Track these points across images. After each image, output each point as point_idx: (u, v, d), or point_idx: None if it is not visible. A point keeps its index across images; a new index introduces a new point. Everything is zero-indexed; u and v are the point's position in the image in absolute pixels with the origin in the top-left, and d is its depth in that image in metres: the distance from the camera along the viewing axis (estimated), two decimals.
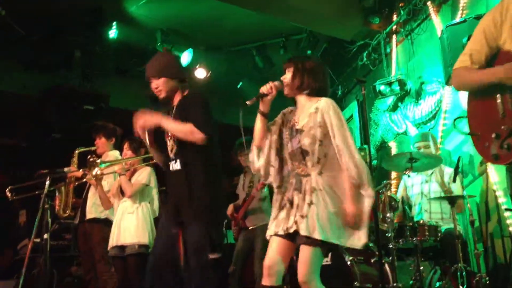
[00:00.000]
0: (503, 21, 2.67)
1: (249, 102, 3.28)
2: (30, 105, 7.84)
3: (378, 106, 7.23)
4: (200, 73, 8.03)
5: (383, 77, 6.87)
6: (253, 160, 3.41)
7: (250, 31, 7.72)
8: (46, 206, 4.51)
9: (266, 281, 3.17)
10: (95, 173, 4.91)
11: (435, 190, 5.12)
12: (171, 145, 3.61)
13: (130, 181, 5.05)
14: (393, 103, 6.92)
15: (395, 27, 6.95)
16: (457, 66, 2.85)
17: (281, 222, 3.18)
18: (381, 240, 4.18)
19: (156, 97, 3.68)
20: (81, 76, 7.80)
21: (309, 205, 3.07)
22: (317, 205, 3.05)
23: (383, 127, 7.11)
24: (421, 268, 4.43)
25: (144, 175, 5.06)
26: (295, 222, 3.09)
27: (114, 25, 7.32)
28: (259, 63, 8.00)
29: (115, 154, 5.42)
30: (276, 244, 3.21)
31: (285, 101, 3.49)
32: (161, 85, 3.60)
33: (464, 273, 4.24)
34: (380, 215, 4.58)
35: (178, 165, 3.55)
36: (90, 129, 5.76)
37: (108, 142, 5.52)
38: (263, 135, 3.36)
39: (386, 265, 4.42)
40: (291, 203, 3.20)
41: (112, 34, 7.35)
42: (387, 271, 4.41)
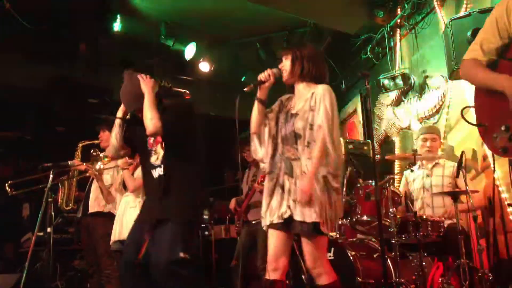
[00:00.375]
0: None
1: (247, 88, 3.31)
2: (34, 98, 7.85)
3: (381, 100, 7.21)
4: (204, 66, 8.01)
5: (386, 71, 6.85)
6: (256, 149, 3.42)
7: (254, 25, 7.69)
8: (49, 199, 4.53)
9: (271, 276, 3.22)
10: (98, 167, 4.92)
11: (436, 184, 5.11)
12: (157, 152, 3.62)
13: (133, 175, 5.06)
14: (397, 97, 6.89)
15: (399, 21, 6.92)
16: (467, 56, 2.82)
17: (275, 210, 3.20)
18: (384, 235, 4.18)
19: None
20: (85, 69, 7.79)
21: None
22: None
23: (387, 122, 7.09)
24: (424, 263, 4.42)
25: None
26: (288, 206, 3.13)
27: (118, 18, 7.31)
28: (263, 57, 7.98)
29: None
30: (275, 238, 3.25)
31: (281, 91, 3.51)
32: (140, 112, 3.58)
33: (467, 269, 4.24)
34: (383, 210, 4.58)
35: (161, 171, 3.54)
36: (94, 122, 5.77)
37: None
38: (261, 122, 3.38)
39: (388, 261, 4.42)
40: (282, 187, 3.21)
41: (116, 26, 7.34)
42: (390, 267, 4.41)
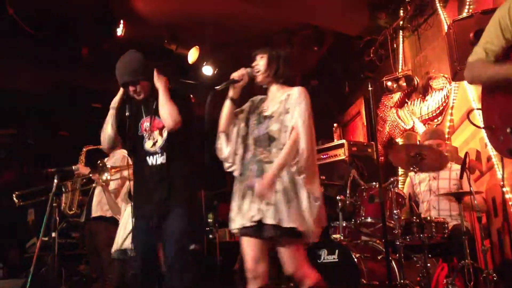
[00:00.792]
0: None
1: (219, 87, 3.26)
2: (37, 102, 7.88)
3: (385, 102, 7.21)
4: (207, 70, 8.03)
5: (389, 73, 6.84)
6: (220, 147, 3.36)
7: (256, 28, 7.70)
8: (54, 204, 4.54)
9: (252, 284, 3.14)
10: (105, 178, 4.93)
11: (443, 186, 5.10)
12: (154, 138, 3.61)
13: None
14: (400, 99, 6.89)
15: (401, 22, 6.92)
16: (471, 59, 2.81)
17: (246, 213, 3.13)
18: (388, 237, 4.18)
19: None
20: (88, 73, 7.81)
21: (276, 192, 3.06)
22: (281, 193, 3.06)
23: (390, 124, 7.09)
24: (428, 264, 4.41)
25: None
26: (259, 209, 3.06)
27: (121, 22, 7.33)
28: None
29: (123, 153, 5.42)
30: (248, 245, 3.19)
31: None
32: (139, 88, 3.61)
33: (471, 270, 4.23)
34: (387, 212, 4.58)
35: (163, 159, 3.54)
36: (97, 126, 5.77)
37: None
38: (230, 121, 3.34)
39: (393, 262, 4.41)
40: (253, 190, 3.14)
41: (119, 31, 7.36)
42: (394, 268, 4.41)
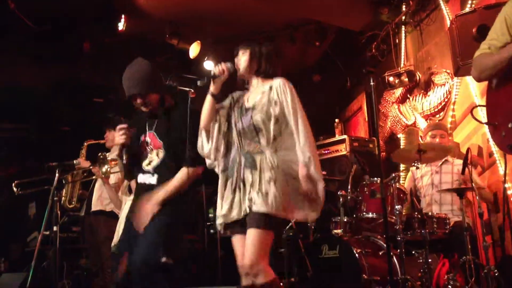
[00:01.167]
0: None
1: (200, 83, 3.24)
2: (39, 98, 7.88)
3: (386, 97, 7.19)
4: (208, 65, 8.01)
5: (392, 68, 6.83)
6: (201, 145, 3.32)
7: (258, 23, 7.69)
8: (55, 198, 4.53)
9: (245, 281, 3.10)
10: (105, 170, 4.92)
11: (445, 181, 5.10)
12: (151, 157, 3.53)
13: None
14: (402, 94, 6.88)
15: (404, 17, 6.90)
16: (477, 54, 2.83)
17: (236, 206, 3.12)
18: (389, 232, 4.18)
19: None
20: (90, 68, 7.81)
21: (269, 182, 3.04)
22: (277, 182, 3.04)
23: (392, 119, 7.07)
24: (430, 260, 4.42)
25: None
26: (250, 199, 3.05)
27: (122, 17, 7.32)
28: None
29: None
30: (240, 244, 3.18)
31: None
32: (148, 101, 3.50)
33: (472, 265, 4.23)
34: (388, 207, 4.58)
35: (153, 180, 3.47)
36: (99, 121, 5.78)
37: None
38: (212, 117, 3.30)
39: (394, 258, 4.42)
40: (243, 182, 3.13)
41: (121, 25, 7.35)
42: (395, 264, 4.41)
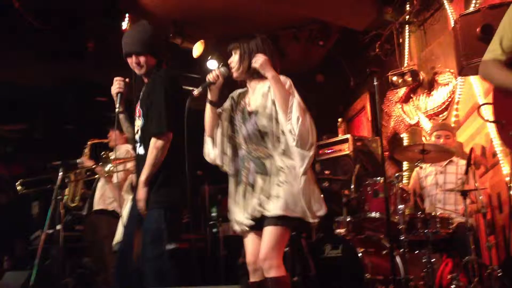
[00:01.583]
0: None
1: (196, 92, 3.19)
2: (43, 96, 7.90)
3: (390, 97, 7.18)
4: (212, 64, 8.02)
5: (395, 67, 6.82)
6: (207, 151, 3.31)
7: (262, 22, 7.69)
8: (58, 197, 4.54)
9: (253, 278, 3.14)
10: (108, 169, 4.93)
11: (450, 181, 5.09)
12: (138, 126, 3.50)
13: None
14: (405, 94, 6.87)
15: (408, 17, 6.89)
16: (486, 57, 2.83)
17: (249, 211, 3.11)
18: (392, 232, 4.18)
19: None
20: (94, 67, 7.82)
21: (278, 185, 3.02)
22: (286, 184, 3.01)
23: (395, 119, 7.07)
24: (433, 260, 4.42)
25: None
26: (260, 204, 3.04)
27: (126, 16, 7.33)
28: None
29: (127, 147, 5.43)
30: (250, 241, 3.18)
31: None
32: (142, 61, 3.47)
33: (476, 265, 4.23)
34: (391, 207, 4.57)
35: (141, 150, 3.45)
36: (102, 120, 5.78)
37: (121, 135, 5.51)
38: (215, 124, 3.28)
39: (397, 257, 4.42)
40: (252, 186, 3.11)
41: (124, 24, 7.35)
42: (398, 263, 4.41)
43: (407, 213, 4.76)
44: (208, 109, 3.26)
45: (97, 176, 5.44)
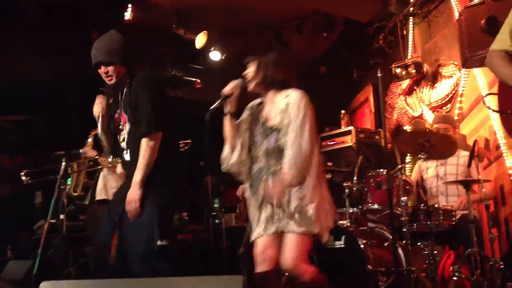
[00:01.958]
0: None
1: (214, 107, 3.25)
2: (48, 89, 7.90)
3: (393, 89, 7.17)
4: (215, 55, 8.01)
5: (399, 59, 6.80)
6: (226, 157, 3.35)
7: (265, 13, 7.67)
8: (62, 187, 4.55)
9: (260, 268, 3.18)
10: (111, 160, 4.92)
11: (451, 172, 5.09)
12: (123, 133, 3.49)
13: None
14: (409, 86, 6.85)
15: (412, 9, 6.86)
16: (495, 47, 2.82)
17: (265, 223, 3.17)
18: (395, 223, 4.18)
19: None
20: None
21: (299, 200, 3.07)
22: (305, 199, 3.07)
23: (399, 111, 7.05)
24: (435, 252, 4.42)
25: None
26: (277, 219, 3.11)
27: (129, 6, 7.31)
28: (274, 45, 7.94)
29: None
30: (260, 241, 3.22)
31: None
32: (111, 71, 3.45)
33: (478, 258, 4.24)
34: (394, 199, 4.57)
35: (128, 156, 3.44)
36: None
37: None
38: (234, 135, 3.33)
39: (399, 249, 4.42)
40: (271, 202, 3.15)
41: (127, 15, 7.34)
42: (401, 255, 4.42)
43: (410, 205, 4.77)
44: (227, 121, 3.33)
45: (100, 166, 5.44)
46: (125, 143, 3.48)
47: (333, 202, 3.29)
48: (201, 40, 7.71)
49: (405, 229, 4.37)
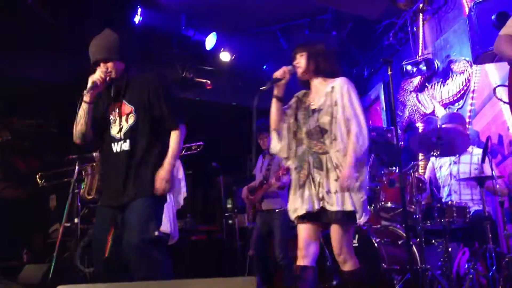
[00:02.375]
0: None
1: (264, 88, 3.39)
2: (58, 91, 7.94)
3: (405, 86, 7.14)
4: (224, 56, 8.02)
5: (409, 56, 6.78)
6: (274, 144, 3.53)
7: (274, 13, 7.66)
8: (76, 190, 4.59)
9: (301, 262, 3.39)
10: None
11: (464, 171, 5.05)
12: (119, 124, 3.51)
13: None
14: (420, 83, 6.83)
15: (422, 5, 6.82)
16: (503, 32, 2.89)
17: (307, 200, 3.32)
18: (408, 221, 4.16)
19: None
20: None
21: (336, 181, 3.25)
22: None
23: (410, 108, 7.03)
24: (450, 249, 4.40)
25: None
26: (322, 199, 3.27)
27: (138, 8, 7.33)
28: (284, 45, 7.94)
29: None
30: (304, 230, 3.41)
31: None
32: (110, 67, 3.50)
33: (493, 254, 4.21)
34: (407, 197, 4.55)
35: (126, 146, 3.44)
36: None
37: None
38: (280, 118, 3.50)
39: (413, 247, 4.40)
40: (312, 180, 3.33)
41: (137, 17, 7.36)
42: (415, 253, 4.40)
43: (424, 202, 4.75)
44: (274, 103, 3.49)
45: None
46: (122, 133, 3.50)
47: None
48: (210, 41, 7.73)
49: (419, 227, 4.35)
